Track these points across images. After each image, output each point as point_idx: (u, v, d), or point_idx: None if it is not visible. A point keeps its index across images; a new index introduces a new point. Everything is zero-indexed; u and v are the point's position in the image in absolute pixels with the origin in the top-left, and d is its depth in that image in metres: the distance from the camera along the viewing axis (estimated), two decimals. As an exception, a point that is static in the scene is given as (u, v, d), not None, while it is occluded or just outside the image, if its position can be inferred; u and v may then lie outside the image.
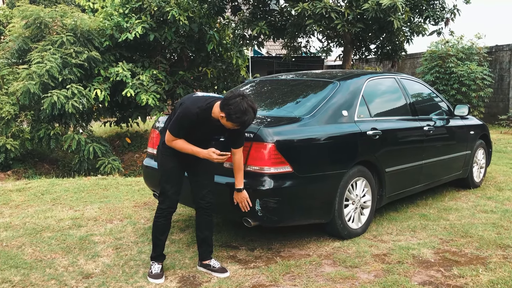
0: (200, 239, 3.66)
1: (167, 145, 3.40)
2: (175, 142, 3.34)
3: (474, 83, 12.36)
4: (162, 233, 3.56)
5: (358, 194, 4.30)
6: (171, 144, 3.37)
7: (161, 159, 3.53)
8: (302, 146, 3.86)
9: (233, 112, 3.11)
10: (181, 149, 3.36)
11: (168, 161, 3.47)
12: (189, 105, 3.28)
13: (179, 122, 3.28)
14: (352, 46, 9.69)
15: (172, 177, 3.48)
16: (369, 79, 4.73)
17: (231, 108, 3.11)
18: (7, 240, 4.25)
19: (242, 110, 3.11)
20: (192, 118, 3.25)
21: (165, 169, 3.50)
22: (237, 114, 3.11)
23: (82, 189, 6.05)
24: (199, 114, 3.24)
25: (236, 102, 3.12)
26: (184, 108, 3.28)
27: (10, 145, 8.44)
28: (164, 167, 3.50)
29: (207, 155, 3.30)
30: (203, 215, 3.62)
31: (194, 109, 3.24)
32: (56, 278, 3.47)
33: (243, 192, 3.58)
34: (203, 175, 3.58)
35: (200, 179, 3.57)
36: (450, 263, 3.74)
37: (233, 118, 3.14)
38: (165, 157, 3.48)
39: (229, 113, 3.13)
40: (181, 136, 3.33)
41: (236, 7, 9.65)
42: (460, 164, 5.79)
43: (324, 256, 3.88)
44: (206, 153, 3.30)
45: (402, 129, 4.86)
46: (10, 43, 9.50)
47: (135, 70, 9.55)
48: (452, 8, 9.01)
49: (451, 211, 5.12)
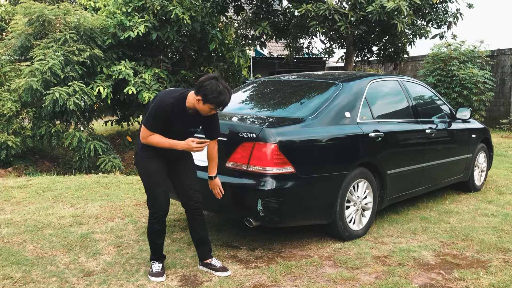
0: (196, 240, 3.65)
1: (143, 142, 3.33)
2: (151, 137, 3.27)
3: (476, 86, 12.36)
4: (158, 237, 3.53)
5: (359, 195, 4.31)
6: (147, 140, 3.29)
7: (141, 163, 3.43)
8: (304, 147, 3.87)
9: (210, 93, 3.10)
10: (157, 144, 3.28)
11: (150, 164, 3.39)
12: (163, 97, 3.25)
13: (154, 115, 3.22)
14: (354, 47, 9.70)
15: (157, 180, 3.40)
16: (371, 81, 4.74)
17: (207, 89, 3.11)
18: (8, 237, 4.25)
19: (218, 91, 3.11)
20: (167, 109, 3.19)
21: (147, 172, 3.41)
22: (214, 94, 3.11)
23: (83, 187, 6.05)
24: (174, 104, 3.20)
25: (211, 83, 3.12)
26: (158, 101, 3.24)
27: (11, 142, 8.42)
28: (146, 170, 3.41)
29: (186, 145, 3.25)
30: (194, 215, 3.57)
31: (168, 99, 3.21)
32: (57, 275, 3.48)
33: (216, 179, 3.61)
34: (186, 176, 3.54)
35: (184, 180, 3.52)
36: (451, 266, 3.74)
37: (210, 98, 3.12)
38: (147, 161, 3.40)
39: (205, 94, 3.12)
40: (156, 131, 3.26)
41: (239, 6, 9.66)
42: (462, 167, 5.79)
43: (325, 257, 3.88)
44: (185, 144, 3.25)
45: (404, 131, 4.87)
46: (12, 40, 9.49)
47: (137, 68, 9.55)
48: (455, 12, 9.01)
49: (452, 214, 5.12)
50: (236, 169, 3.77)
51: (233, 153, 3.80)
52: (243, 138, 3.75)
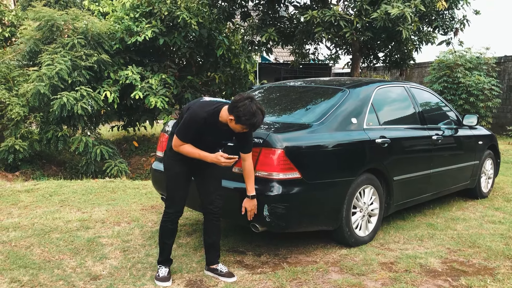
0: (208, 244, 3.67)
1: (175, 150, 3.40)
2: (183, 147, 3.34)
3: (482, 93, 12.33)
4: (169, 237, 3.58)
5: (365, 202, 4.30)
6: (178, 149, 3.36)
7: (168, 163, 3.54)
8: (311, 153, 3.88)
9: (242, 114, 3.14)
10: (188, 154, 3.35)
11: (176, 166, 3.47)
12: (196, 110, 3.30)
13: (187, 126, 3.29)
14: (360, 54, 9.71)
15: (179, 182, 3.49)
16: (378, 87, 4.74)
17: (240, 110, 3.14)
18: (15, 240, 4.28)
19: (251, 112, 3.14)
20: (200, 122, 3.25)
21: (172, 173, 3.50)
22: (246, 116, 3.14)
23: (90, 191, 6.08)
24: (207, 119, 3.26)
25: (245, 104, 3.15)
26: (191, 112, 3.29)
27: (19, 146, 8.50)
28: (171, 171, 3.51)
29: (215, 159, 3.31)
30: (211, 220, 3.62)
31: (201, 113, 3.26)
32: (64, 279, 3.50)
33: (254, 200, 3.57)
34: (211, 180, 3.58)
35: (209, 184, 3.58)
36: (458, 273, 3.73)
37: (243, 120, 3.16)
38: (173, 162, 3.49)
39: (238, 116, 3.15)
40: (188, 141, 3.33)
41: (246, 13, 9.70)
42: (468, 174, 5.77)
43: (331, 263, 3.88)
44: (214, 157, 3.31)
45: (410, 137, 4.87)
46: (21, 45, 9.59)
47: (144, 73, 9.61)
48: (461, 19, 9.00)
49: (458, 221, 5.10)
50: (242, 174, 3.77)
51: (240, 159, 3.79)
52: (249, 143, 3.75)
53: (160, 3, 9.65)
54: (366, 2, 7.51)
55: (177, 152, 3.41)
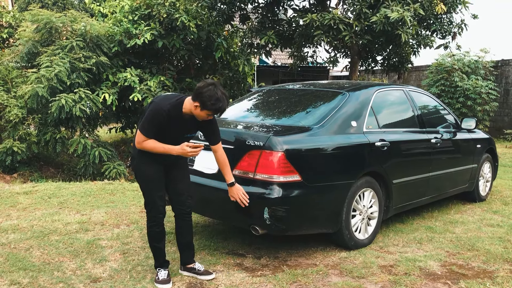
0: (183, 245, 3.67)
1: (138, 147, 3.33)
2: (146, 142, 3.27)
3: (480, 97, 12.39)
4: (159, 241, 3.55)
5: (365, 204, 4.31)
6: (141, 146, 3.29)
7: (139, 168, 3.44)
8: (311, 156, 3.89)
9: (208, 100, 3.13)
10: (152, 149, 3.28)
11: (147, 168, 3.40)
12: (159, 102, 3.25)
13: (150, 120, 3.23)
14: (359, 57, 9.74)
15: (155, 184, 3.43)
16: (378, 90, 4.76)
17: (205, 96, 3.13)
18: (15, 242, 4.27)
19: (216, 97, 3.14)
20: (163, 115, 3.20)
21: (146, 177, 3.42)
22: (212, 101, 3.13)
23: (89, 194, 6.07)
24: (170, 111, 3.22)
25: (210, 90, 3.14)
26: (154, 106, 3.25)
27: (17, 148, 8.46)
28: (144, 175, 3.42)
29: (180, 150, 3.26)
30: (184, 220, 3.61)
31: (165, 106, 3.22)
32: (64, 281, 3.49)
33: (236, 185, 3.57)
34: (181, 181, 3.56)
35: (179, 185, 3.55)
36: (457, 276, 3.74)
37: (208, 105, 3.14)
38: (144, 165, 3.41)
39: (203, 101, 3.14)
40: (151, 136, 3.26)
41: (245, 15, 9.72)
42: (467, 177, 5.79)
43: (331, 266, 3.88)
44: (179, 148, 3.26)
45: (410, 141, 4.88)
46: (19, 46, 9.57)
47: (143, 76, 9.61)
48: (459, 23, 9.05)
49: (457, 224, 5.12)
50: (242, 177, 3.79)
51: (240, 161, 3.81)
52: (250, 146, 3.77)
53: (159, 5, 9.66)
54: (366, 5, 7.54)
55: (147, 153, 3.34)
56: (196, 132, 3.51)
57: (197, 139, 3.96)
